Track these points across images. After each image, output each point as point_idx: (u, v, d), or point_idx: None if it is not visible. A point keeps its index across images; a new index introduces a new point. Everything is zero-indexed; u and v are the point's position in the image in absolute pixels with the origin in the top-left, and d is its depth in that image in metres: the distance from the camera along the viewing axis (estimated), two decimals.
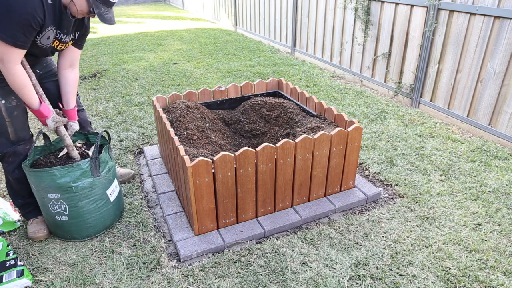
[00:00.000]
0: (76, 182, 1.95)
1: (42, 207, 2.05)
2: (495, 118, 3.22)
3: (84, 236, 2.12)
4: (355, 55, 4.80)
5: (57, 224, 2.07)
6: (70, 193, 1.96)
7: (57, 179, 1.91)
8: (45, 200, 1.99)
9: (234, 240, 2.07)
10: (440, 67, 3.66)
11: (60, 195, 1.95)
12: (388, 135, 3.34)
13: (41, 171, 1.89)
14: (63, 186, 1.93)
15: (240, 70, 5.31)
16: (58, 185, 1.92)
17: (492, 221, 2.26)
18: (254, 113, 2.88)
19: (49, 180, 1.91)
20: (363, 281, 1.85)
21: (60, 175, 1.91)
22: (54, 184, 1.92)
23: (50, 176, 1.90)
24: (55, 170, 1.89)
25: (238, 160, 1.99)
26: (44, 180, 1.91)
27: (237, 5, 8.16)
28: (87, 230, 2.11)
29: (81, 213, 2.04)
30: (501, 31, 3.04)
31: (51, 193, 1.94)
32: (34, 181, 1.95)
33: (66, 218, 2.04)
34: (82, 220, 2.06)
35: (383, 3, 4.19)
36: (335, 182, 2.42)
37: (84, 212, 2.04)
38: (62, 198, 1.96)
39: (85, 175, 1.98)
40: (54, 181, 1.91)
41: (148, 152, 3.02)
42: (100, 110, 3.95)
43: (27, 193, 2.14)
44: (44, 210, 2.06)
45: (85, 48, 6.83)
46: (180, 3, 13.22)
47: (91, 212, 2.06)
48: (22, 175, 2.06)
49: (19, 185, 2.09)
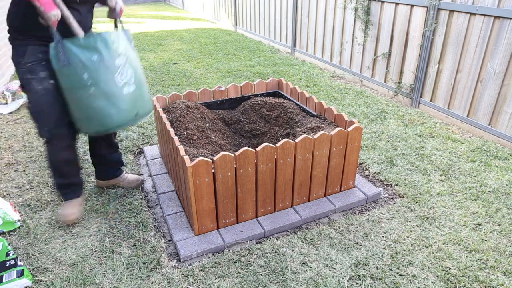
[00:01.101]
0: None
1: (107, 98, 1.85)
2: (495, 118, 3.22)
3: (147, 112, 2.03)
4: (355, 55, 4.80)
5: (130, 103, 1.92)
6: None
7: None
8: (111, 76, 1.81)
9: (234, 240, 2.07)
10: (440, 67, 3.66)
11: (126, 62, 1.86)
12: (388, 135, 3.34)
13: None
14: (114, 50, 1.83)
15: (240, 70, 5.31)
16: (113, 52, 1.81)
17: (492, 221, 2.26)
18: (254, 113, 2.87)
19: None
20: (363, 281, 1.85)
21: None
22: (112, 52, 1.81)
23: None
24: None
25: (238, 160, 1.99)
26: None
27: (237, 5, 8.16)
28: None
29: (142, 81, 1.99)
30: (501, 31, 3.04)
31: (116, 60, 1.83)
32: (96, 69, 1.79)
33: (134, 87, 1.91)
34: (145, 89, 1.99)
35: (383, 3, 4.19)
36: (335, 182, 2.43)
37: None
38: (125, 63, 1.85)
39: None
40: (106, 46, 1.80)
41: (148, 152, 3.03)
42: None
43: (72, 173, 2.14)
44: (110, 90, 1.85)
45: None
46: (180, 3, 13.22)
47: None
48: (70, 157, 2.05)
49: (66, 166, 2.07)
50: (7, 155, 3.07)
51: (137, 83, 1.95)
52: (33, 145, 3.21)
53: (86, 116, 1.88)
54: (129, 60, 1.91)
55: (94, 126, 1.91)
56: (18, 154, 3.08)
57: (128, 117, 1.94)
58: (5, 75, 4.84)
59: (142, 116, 2.03)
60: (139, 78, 1.98)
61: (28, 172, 2.82)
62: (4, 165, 2.92)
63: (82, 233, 2.19)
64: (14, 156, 3.06)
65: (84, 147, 3.18)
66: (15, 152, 3.11)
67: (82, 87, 1.79)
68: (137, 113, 1.98)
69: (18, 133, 3.46)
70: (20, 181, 2.71)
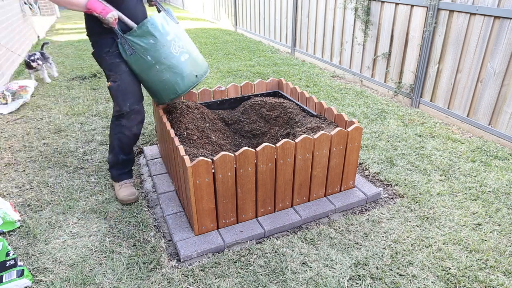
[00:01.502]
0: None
1: (167, 70, 2.20)
2: (495, 118, 3.22)
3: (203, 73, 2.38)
4: (355, 55, 4.80)
5: (191, 67, 2.27)
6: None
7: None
8: (168, 51, 2.17)
9: (234, 240, 2.07)
10: (440, 67, 3.66)
11: (175, 36, 2.21)
12: (388, 135, 3.34)
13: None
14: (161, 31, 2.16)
15: (240, 70, 5.31)
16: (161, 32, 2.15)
17: (492, 221, 2.26)
18: (254, 113, 2.87)
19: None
20: (363, 281, 1.85)
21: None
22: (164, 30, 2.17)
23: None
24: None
25: (238, 160, 1.99)
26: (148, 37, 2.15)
27: (237, 5, 8.16)
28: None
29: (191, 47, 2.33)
30: (501, 31, 3.04)
31: (168, 37, 2.17)
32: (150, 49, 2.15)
33: (187, 54, 2.26)
34: (196, 53, 2.35)
35: (383, 3, 4.19)
36: (335, 182, 2.43)
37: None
38: (176, 37, 2.21)
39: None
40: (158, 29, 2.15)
41: (148, 152, 3.03)
42: (100, 110, 3.95)
43: (131, 149, 2.44)
44: (171, 63, 2.20)
45: (85, 48, 6.83)
46: (180, 3, 13.22)
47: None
48: (139, 132, 2.37)
49: (131, 140, 2.37)
50: (7, 155, 3.07)
51: (188, 51, 2.29)
52: (33, 145, 3.21)
53: (160, 89, 2.26)
54: (177, 34, 2.24)
55: (168, 95, 2.29)
56: (18, 154, 3.08)
57: (191, 80, 2.30)
58: (5, 75, 4.84)
59: (201, 76, 2.37)
60: (189, 46, 2.31)
61: (28, 172, 2.82)
62: (4, 165, 2.92)
63: (82, 233, 2.19)
64: (14, 156, 3.06)
65: (84, 147, 3.18)
66: (15, 152, 3.11)
67: (150, 67, 2.18)
68: (196, 75, 2.33)
69: (18, 133, 3.46)
70: (20, 181, 2.71)
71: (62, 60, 5.95)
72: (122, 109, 2.26)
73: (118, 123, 2.30)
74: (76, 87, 4.69)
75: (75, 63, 5.79)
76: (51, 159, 2.99)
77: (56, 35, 8.06)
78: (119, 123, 2.30)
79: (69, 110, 3.97)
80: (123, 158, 2.44)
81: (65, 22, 9.88)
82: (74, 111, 3.94)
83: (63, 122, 3.66)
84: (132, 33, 2.14)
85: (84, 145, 3.21)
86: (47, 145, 3.22)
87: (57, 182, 2.69)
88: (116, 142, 2.37)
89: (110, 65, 2.22)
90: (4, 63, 4.89)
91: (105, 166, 2.89)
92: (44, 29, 8.49)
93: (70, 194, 2.56)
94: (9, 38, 5.41)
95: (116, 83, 2.22)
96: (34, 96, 4.38)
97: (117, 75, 2.21)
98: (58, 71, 5.31)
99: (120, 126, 2.30)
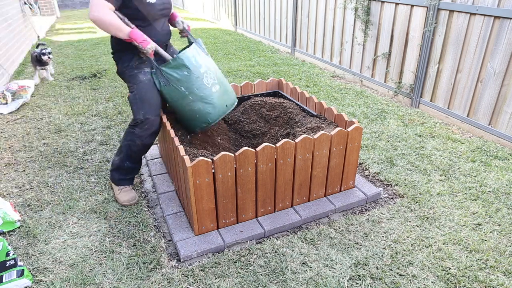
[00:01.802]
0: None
1: (199, 101, 2.27)
2: (495, 118, 3.22)
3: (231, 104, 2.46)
4: (355, 55, 4.80)
5: (220, 98, 2.35)
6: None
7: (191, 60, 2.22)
8: (201, 83, 2.24)
9: (234, 240, 2.07)
10: (440, 67, 3.66)
11: (207, 69, 2.29)
12: (388, 135, 3.34)
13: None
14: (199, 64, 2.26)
15: (240, 70, 5.31)
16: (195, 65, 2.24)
17: (492, 221, 2.26)
18: (254, 113, 2.87)
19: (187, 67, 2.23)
20: (363, 281, 1.85)
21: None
22: (198, 63, 2.25)
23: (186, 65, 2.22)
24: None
25: (238, 160, 1.99)
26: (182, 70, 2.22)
27: (237, 5, 8.16)
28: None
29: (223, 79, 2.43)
30: (501, 31, 3.04)
31: (201, 69, 2.25)
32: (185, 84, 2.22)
33: (218, 86, 2.33)
34: (226, 84, 2.43)
35: (383, 3, 4.19)
36: (335, 182, 2.42)
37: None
38: (209, 71, 2.30)
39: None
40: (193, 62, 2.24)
41: (148, 152, 3.02)
42: (100, 110, 3.95)
43: (139, 158, 2.44)
44: (202, 94, 2.27)
45: (85, 48, 6.84)
46: (180, 3, 13.22)
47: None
48: (150, 143, 2.36)
49: (141, 149, 2.37)
50: (7, 155, 3.07)
51: (219, 82, 2.36)
52: (33, 145, 3.22)
53: (191, 118, 2.32)
54: (208, 66, 2.32)
55: (200, 124, 2.34)
56: (18, 154, 3.08)
57: (222, 110, 2.36)
58: (5, 75, 4.84)
59: (231, 106, 2.43)
60: (219, 77, 2.38)
61: (28, 172, 2.82)
62: (4, 165, 2.92)
63: (82, 233, 2.19)
64: (14, 156, 3.06)
65: (84, 147, 3.18)
66: (15, 152, 3.11)
67: (183, 97, 2.25)
68: (226, 104, 2.39)
69: (18, 133, 3.46)
70: (20, 181, 2.71)
71: (62, 60, 5.95)
72: (136, 117, 2.27)
73: (132, 131, 2.32)
74: (76, 87, 4.69)
75: (75, 63, 5.79)
76: (51, 159, 2.99)
77: (56, 35, 8.06)
78: (133, 131, 2.31)
79: (69, 110, 3.97)
80: (128, 166, 2.44)
81: (65, 22, 9.88)
82: (74, 111, 3.94)
83: (63, 122, 3.66)
84: (167, 65, 2.22)
85: (84, 145, 3.21)
86: (47, 145, 3.22)
87: (57, 182, 2.69)
88: (125, 148, 2.38)
89: (129, 77, 2.31)
90: (3, 63, 4.89)
91: (105, 166, 2.89)
92: (44, 29, 8.49)
93: (70, 194, 2.56)
94: (9, 38, 5.41)
95: (133, 93, 2.28)
96: (34, 96, 4.38)
97: (134, 86, 2.28)
98: (57, 71, 5.32)
99: (133, 134, 2.31)
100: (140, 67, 2.30)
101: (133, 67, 2.30)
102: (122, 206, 2.43)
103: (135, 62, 2.30)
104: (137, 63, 2.30)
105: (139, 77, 2.28)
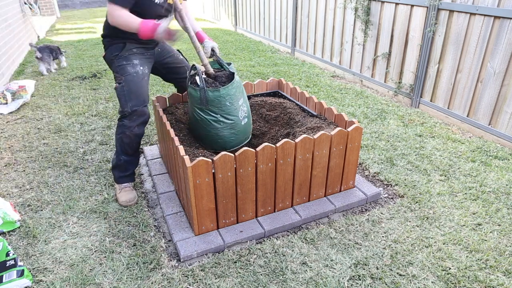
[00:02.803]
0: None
1: (229, 123, 2.31)
2: (495, 118, 3.22)
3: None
4: (355, 55, 4.80)
5: (244, 130, 2.41)
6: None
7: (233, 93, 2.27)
8: (236, 114, 2.31)
9: (234, 240, 2.07)
10: (440, 67, 3.66)
11: (243, 101, 2.37)
12: (388, 135, 3.34)
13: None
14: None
15: (240, 70, 5.31)
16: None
17: (492, 221, 2.26)
18: (254, 113, 2.87)
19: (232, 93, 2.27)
20: (363, 281, 1.85)
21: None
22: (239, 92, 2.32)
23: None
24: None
25: (238, 160, 1.99)
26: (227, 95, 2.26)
27: (237, 5, 8.16)
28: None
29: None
30: (501, 31, 3.04)
31: (239, 101, 2.32)
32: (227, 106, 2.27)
33: (247, 119, 2.40)
34: (251, 119, 2.49)
35: (383, 3, 4.19)
36: (335, 182, 2.42)
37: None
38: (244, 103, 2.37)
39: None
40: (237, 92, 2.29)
41: (148, 152, 3.03)
42: (100, 110, 3.95)
43: (133, 150, 2.44)
44: (232, 120, 2.32)
45: (85, 48, 6.83)
46: None
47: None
48: (140, 132, 2.37)
49: (133, 141, 2.38)
50: (7, 155, 3.07)
51: (249, 116, 2.44)
52: (33, 145, 3.22)
53: (213, 140, 2.36)
54: (245, 99, 2.41)
55: (217, 147, 2.38)
56: (18, 154, 3.08)
57: (241, 141, 2.43)
58: (5, 75, 4.84)
59: (246, 139, 2.49)
60: (249, 111, 2.47)
61: (28, 172, 2.82)
62: (4, 165, 2.92)
63: (82, 233, 2.19)
64: (14, 156, 3.06)
65: (84, 147, 3.18)
66: (15, 152, 3.11)
67: (216, 121, 2.29)
68: (246, 137, 2.47)
69: (18, 133, 3.46)
70: (20, 181, 2.71)
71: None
72: (124, 110, 2.30)
73: (121, 123, 2.34)
74: (76, 87, 4.69)
75: (75, 63, 5.79)
76: (51, 159, 2.99)
77: (56, 35, 8.06)
78: (122, 123, 2.33)
79: (69, 110, 3.97)
80: (125, 159, 2.45)
81: (65, 22, 9.88)
82: (74, 111, 3.94)
83: (63, 122, 3.66)
84: (214, 91, 2.23)
85: (84, 145, 3.21)
86: (47, 145, 3.22)
87: (57, 182, 2.69)
88: (118, 142, 2.40)
89: (117, 67, 2.32)
90: (4, 63, 4.89)
91: (105, 166, 2.89)
92: (44, 29, 8.49)
93: (70, 194, 2.56)
94: (9, 38, 5.41)
95: (120, 84, 2.29)
96: (34, 96, 4.38)
97: (122, 77, 2.29)
98: (58, 71, 5.32)
99: (123, 126, 2.34)
100: (129, 58, 2.31)
101: (122, 57, 2.30)
102: (125, 205, 2.43)
103: (125, 52, 2.30)
104: (126, 53, 2.30)
105: (128, 69, 2.29)
